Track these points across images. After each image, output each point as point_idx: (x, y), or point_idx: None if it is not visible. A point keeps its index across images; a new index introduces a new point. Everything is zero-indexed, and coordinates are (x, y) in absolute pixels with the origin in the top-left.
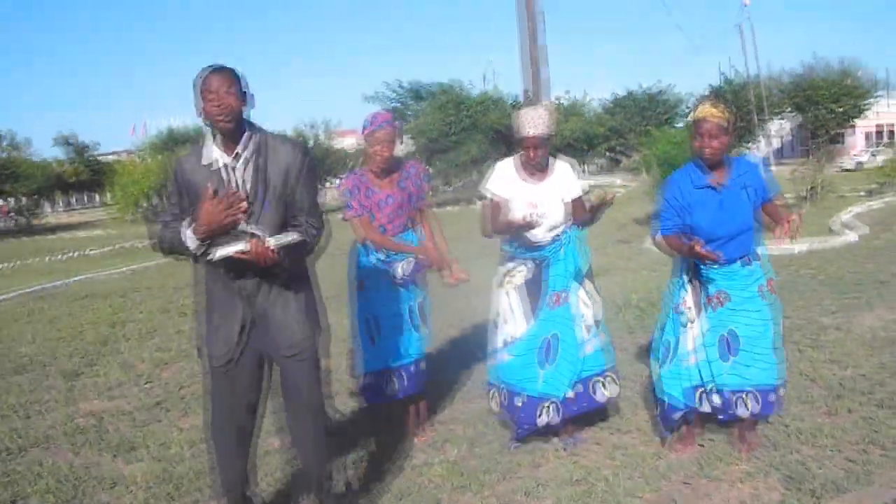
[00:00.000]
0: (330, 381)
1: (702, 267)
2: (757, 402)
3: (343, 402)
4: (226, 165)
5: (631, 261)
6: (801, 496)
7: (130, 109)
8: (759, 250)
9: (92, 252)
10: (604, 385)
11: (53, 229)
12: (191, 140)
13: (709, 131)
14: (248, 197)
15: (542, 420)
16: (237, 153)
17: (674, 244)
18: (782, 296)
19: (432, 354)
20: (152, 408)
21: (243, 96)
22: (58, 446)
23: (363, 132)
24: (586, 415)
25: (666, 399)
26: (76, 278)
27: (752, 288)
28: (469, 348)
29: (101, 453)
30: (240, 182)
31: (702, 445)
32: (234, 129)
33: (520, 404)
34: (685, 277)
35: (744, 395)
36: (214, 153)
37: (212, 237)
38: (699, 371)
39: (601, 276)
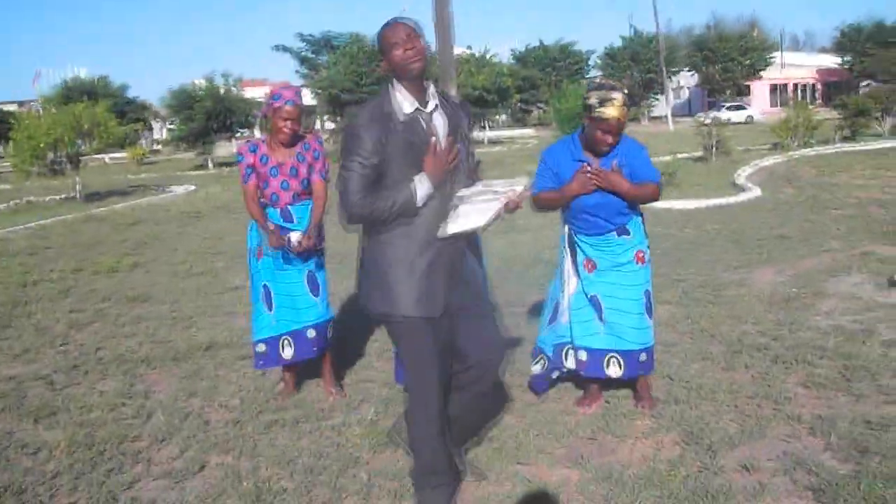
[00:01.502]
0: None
1: (576, 235)
2: (621, 365)
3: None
4: (421, 112)
5: (545, 217)
6: (699, 450)
7: (29, 58)
8: (634, 224)
9: None
10: None
11: None
12: (93, 92)
13: (613, 128)
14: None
15: None
16: (435, 104)
17: (545, 197)
18: (689, 252)
19: (346, 313)
20: (70, 371)
21: (428, 46)
22: None
23: (271, 106)
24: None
25: (547, 354)
26: None
27: (626, 254)
28: None
29: (22, 419)
30: (438, 127)
31: (608, 403)
32: (423, 75)
33: None
34: (565, 244)
35: (612, 356)
36: (406, 104)
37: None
38: (569, 330)
39: (510, 233)
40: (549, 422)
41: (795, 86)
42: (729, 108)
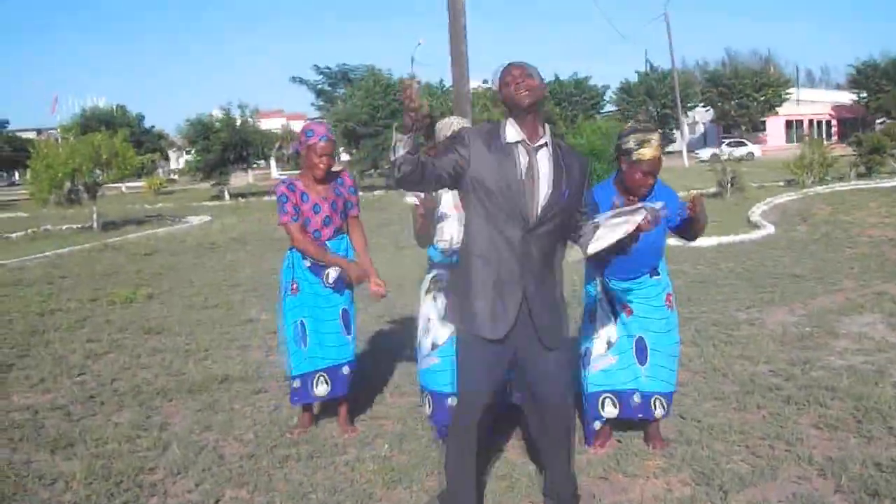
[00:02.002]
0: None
1: (609, 280)
2: (664, 406)
3: (275, 399)
4: (527, 145)
5: None
6: (710, 490)
7: (46, 85)
8: (662, 265)
9: (13, 235)
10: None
11: None
12: (111, 121)
13: (653, 169)
14: (549, 184)
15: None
16: (545, 142)
17: None
18: (702, 290)
19: (361, 349)
20: (86, 401)
21: (542, 85)
22: None
23: (304, 143)
24: (509, 413)
25: (583, 404)
26: None
27: (660, 297)
28: (398, 343)
29: (39, 449)
30: (542, 165)
31: (619, 441)
32: (535, 112)
33: (454, 404)
34: (596, 287)
35: (657, 398)
36: (515, 134)
37: (411, 133)
38: (603, 376)
39: None
40: None
41: (811, 122)
42: (729, 145)
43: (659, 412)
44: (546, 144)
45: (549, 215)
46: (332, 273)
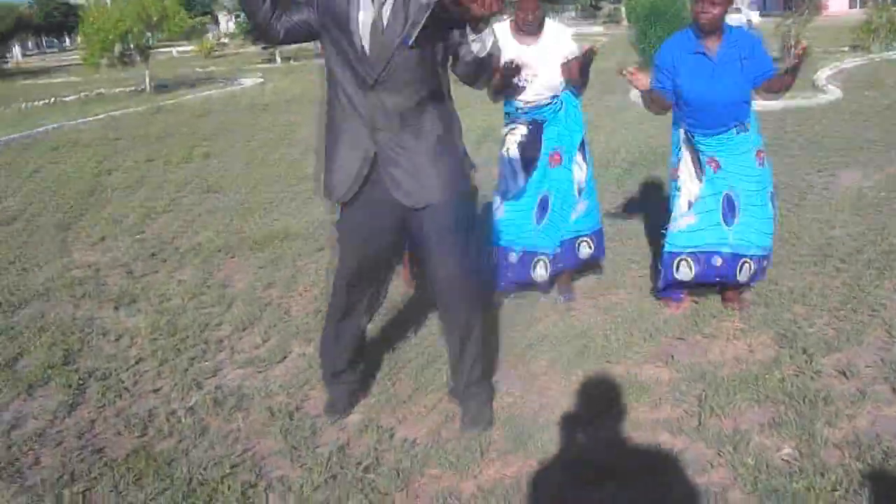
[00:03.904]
0: None
1: (695, 135)
2: (750, 268)
3: None
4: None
5: (616, 116)
6: (794, 353)
7: None
8: (752, 119)
9: (68, 98)
10: (589, 245)
11: (25, 74)
12: None
13: None
14: (390, 36)
15: (537, 274)
16: None
17: (657, 101)
18: (770, 153)
19: None
20: (148, 259)
21: None
22: (58, 299)
23: None
24: (582, 273)
25: (663, 262)
26: (53, 125)
27: (749, 154)
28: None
29: (102, 305)
30: (385, 17)
31: (695, 302)
32: None
33: (514, 260)
34: (680, 144)
35: (746, 260)
36: None
37: None
38: (681, 237)
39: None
40: (636, 319)
41: None
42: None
43: (744, 276)
44: None
45: (394, 68)
46: None
